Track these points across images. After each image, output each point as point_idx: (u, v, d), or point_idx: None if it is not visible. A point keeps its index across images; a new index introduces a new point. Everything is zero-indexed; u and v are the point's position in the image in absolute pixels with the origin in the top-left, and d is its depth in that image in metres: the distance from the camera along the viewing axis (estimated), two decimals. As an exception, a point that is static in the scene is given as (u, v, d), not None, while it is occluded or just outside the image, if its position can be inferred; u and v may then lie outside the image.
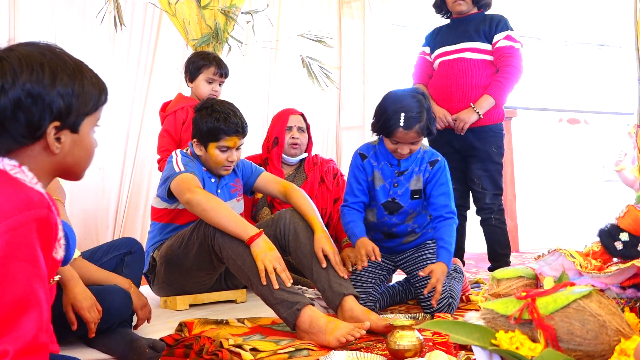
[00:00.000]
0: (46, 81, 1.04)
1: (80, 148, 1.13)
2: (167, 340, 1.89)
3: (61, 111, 1.06)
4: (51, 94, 1.04)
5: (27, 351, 0.94)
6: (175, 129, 2.94)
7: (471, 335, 1.03)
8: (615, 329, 0.97)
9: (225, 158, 2.39)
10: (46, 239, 1.01)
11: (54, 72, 1.05)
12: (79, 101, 1.09)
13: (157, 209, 2.55)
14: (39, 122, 1.04)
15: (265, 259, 1.98)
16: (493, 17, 3.03)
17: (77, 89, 1.08)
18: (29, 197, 0.99)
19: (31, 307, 0.96)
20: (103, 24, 3.28)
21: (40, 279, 0.98)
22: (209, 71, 2.94)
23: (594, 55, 6.92)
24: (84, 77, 1.10)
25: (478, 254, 4.16)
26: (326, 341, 1.84)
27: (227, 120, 2.34)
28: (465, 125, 2.91)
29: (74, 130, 1.11)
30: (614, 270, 1.25)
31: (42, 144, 1.07)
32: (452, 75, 2.97)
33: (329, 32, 4.11)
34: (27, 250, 0.96)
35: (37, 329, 0.95)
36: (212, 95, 2.95)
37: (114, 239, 3.77)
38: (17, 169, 1.04)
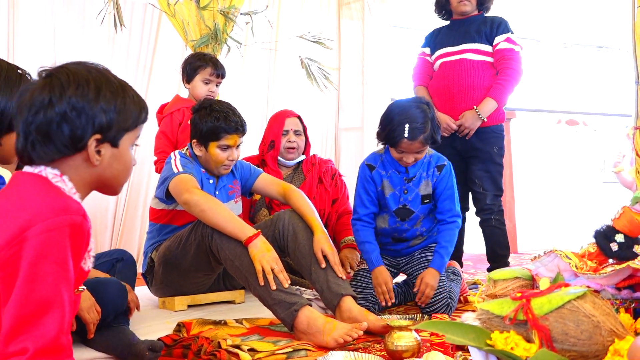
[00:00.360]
0: (90, 96, 1.11)
1: (119, 162, 1.19)
2: (166, 340, 1.90)
3: (102, 125, 1.13)
4: (94, 109, 1.11)
5: (47, 351, 0.96)
6: (172, 130, 2.95)
7: (467, 335, 1.04)
8: (609, 330, 0.98)
9: (226, 157, 2.40)
10: (78, 246, 1.06)
11: (98, 88, 1.12)
12: (120, 117, 1.15)
13: (155, 210, 2.56)
14: (82, 135, 1.11)
15: (262, 260, 1.99)
16: (494, 19, 3.04)
17: (119, 106, 1.15)
18: (66, 203, 1.05)
19: (55, 308, 0.99)
20: (102, 25, 3.29)
21: (67, 283, 1.02)
22: (206, 72, 2.95)
23: (593, 57, 6.94)
24: (127, 95, 1.17)
25: (476, 255, 4.17)
26: (324, 342, 1.84)
27: (227, 119, 2.36)
28: (471, 132, 2.93)
29: (114, 145, 1.17)
30: (609, 272, 1.26)
31: (83, 156, 1.13)
32: (453, 76, 2.97)
33: (328, 33, 4.12)
34: (58, 252, 1.01)
35: (59, 330, 0.98)
36: (209, 95, 2.96)
37: (112, 239, 3.79)
38: (58, 177, 1.11)
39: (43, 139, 1.09)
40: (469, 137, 2.95)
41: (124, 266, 2.25)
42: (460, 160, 3.04)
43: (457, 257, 3.11)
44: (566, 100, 6.83)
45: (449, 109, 2.97)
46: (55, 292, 0.99)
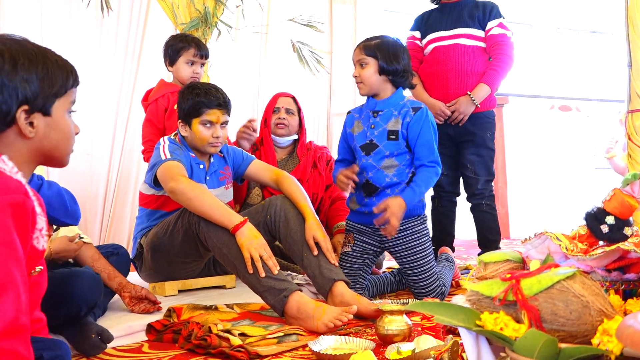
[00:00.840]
0: (7, 68, 1.08)
1: (56, 131, 1.16)
2: (156, 325, 1.89)
3: (27, 95, 1.10)
4: (15, 80, 1.08)
5: (8, 333, 0.93)
6: (158, 117, 2.92)
7: (456, 316, 1.03)
8: (598, 310, 0.97)
9: (210, 134, 2.37)
10: (23, 225, 1.02)
11: (14, 58, 1.09)
12: (44, 84, 1.12)
13: (144, 195, 2.54)
14: (7, 109, 1.08)
15: (250, 247, 1.97)
16: (486, 3, 3.01)
17: (41, 73, 1.12)
18: (5, 183, 1.01)
19: (8, 289, 0.96)
20: (90, 8, 3.24)
21: (17, 262, 0.98)
22: (189, 53, 2.91)
23: (586, 42, 6.93)
24: (48, 61, 1.14)
25: (468, 241, 4.17)
26: (314, 326, 1.84)
27: (207, 94, 2.35)
28: (465, 118, 2.91)
29: (46, 113, 1.14)
30: (599, 253, 1.25)
31: (16, 130, 1.11)
32: (447, 62, 2.95)
33: (319, 16, 4.08)
34: (2, 233, 0.97)
35: (17, 310, 0.95)
36: (193, 77, 2.93)
37: (102, 226, 3.77)
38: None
39: None
40: (462, 124, 2.93)
41: (118, 260, 2.23)
42: (453, 146, 3.04)
43: (449, 242, 3.11)
44: (559, 85, 6.83)
45: (443, 95, 2.95)
46: (5, 273, 0.96)
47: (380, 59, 2.28)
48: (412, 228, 2.31)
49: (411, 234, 2.30)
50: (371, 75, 2.30)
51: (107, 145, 3.81)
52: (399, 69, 2.29)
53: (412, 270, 2.30)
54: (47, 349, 1.18)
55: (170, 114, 2.88)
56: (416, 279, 2.30)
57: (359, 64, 2.32)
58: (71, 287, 1.69)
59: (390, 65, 2.28)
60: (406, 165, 2.31)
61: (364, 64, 2.31)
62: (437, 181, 3.05)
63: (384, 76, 2.30)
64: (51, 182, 1.71)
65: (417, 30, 3.13)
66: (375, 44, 2.31)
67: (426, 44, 3.07)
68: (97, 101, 3.73)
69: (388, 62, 2.28)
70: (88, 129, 3.68)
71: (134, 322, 1.92)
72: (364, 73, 2.30)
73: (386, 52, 2.29)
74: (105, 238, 3.76)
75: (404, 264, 2.33)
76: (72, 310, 1.69)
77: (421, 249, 2.30)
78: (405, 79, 2.33)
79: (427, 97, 2.98)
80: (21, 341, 0.96)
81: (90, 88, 3.69)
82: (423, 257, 2.30)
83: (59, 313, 1.66)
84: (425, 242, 2.32)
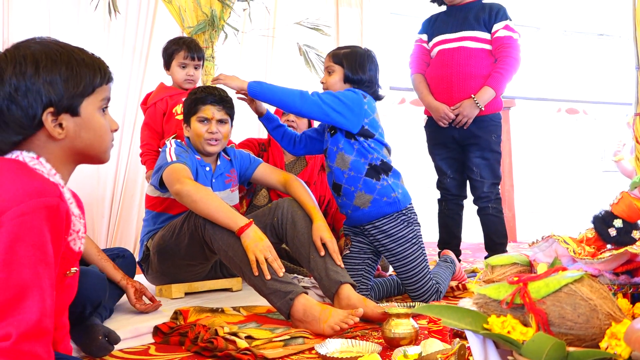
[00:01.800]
0: (29, 72, 1.08)
1: (87, 130, 1.16)
2: (162, 328, 1.89)
3: (51, 97, 1.09)
4: (37, 83, 1.08)
5: (31, 335, 0.94)
6: (156, 121, 2.93)
7: (463, 319, 1.03)
8: (607, 313, 0.97)
9: (205, 130, 2.38)
10: (57, 227, 1.03)
11: (36, 61, 1.09)
12: (69, 84, 1.11)
13: (150, 197, 2.55)
14: (34, 112, 1.08)
15: (255, 250, 1.97)
16: (492, 5, 3.00)
17: (65, 73, 1.11)
18: (41, 185, 1.03)
19: (34, 292, 0.97)
20: (98, 11, 3.26)
21: (46, 265, 0.99)
22: (180, 55, 2.92)
23: (593, 45, 6.91)
24: (72, 60, 1.12)
25: (475, 244, 4.16)
26: (321, 329, 1.84)
27: (204, 91, 2.40)
28: (469, 121, 2.90)
29: (74, 114, 1.13)
30: (607, 257, 1.25)
31: (45, 133, 1.11)
32: (452, 65, 2.94)
33: (326, 20, 4.09)
34: (35, 235, 0.99)
35: (41, 313, 0.96)
36: (187, 79, 2.94)
37: (109, 228, 3.78)
38: (35, 160, 1.09)
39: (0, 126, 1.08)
40: (467, 127, 2.93)
41: (124, 263, 2.23)
42: (459, 149, 3.03)
43: (456, 246, 3.11)
44: (566, 88, 6.80)
45: (447, 98, 2.95)
46: (33, 275, 0.97)
47: (346, 68, 2.33)
48: (398, 232, 2.29)
49: (397, 238, 2.29)
50: (336, 83, 2.35)
51: (115, 148, 3.81)
52: (363, 78, 2.34)
53: (403, 274, 2.30)
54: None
55: (169, 118, 2.89)
56: (408, 282, 2.30)
57: (327, 70, 2.39)
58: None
59: (355, 75, 2.33)
60: (359, 155, 2.28)
61: (331, 71, 2.37)
62: (443, 184, 3.09)
63: (348, 84, 2.35)
64: None
65: (425, 33, 3.13)
66: (344, 52, 2.37)
67: (432, 46, 3.07)
68: (104, 104, 3.75)
69: (353, 71, 2.33)
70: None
71: (141, 324, 1.93)
72: (330, 80, 2.37)
73: (353, 62, 2.33)
74: (112, 240, 3.77)
75: (395, 266, 2.33)
76: (76, 309, 1.67)
77: (409, 252, 2.28)
78: (370, 89, 2.36)
79: (432, 100, 2.98)
80: (42, 344, 0.96)
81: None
82: (413, 260, 2.28)
83: None
84: (412, 244, 2.29)
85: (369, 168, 2.27)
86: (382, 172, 2.28)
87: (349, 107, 2.24)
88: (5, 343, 0.92)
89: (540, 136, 6.54)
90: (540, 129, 6.55)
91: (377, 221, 2.30)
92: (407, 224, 2.30)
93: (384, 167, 2.29)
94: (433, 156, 3.13)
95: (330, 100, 2.23)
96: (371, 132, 2.29)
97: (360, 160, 2.27)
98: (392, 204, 2.28)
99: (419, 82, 3.07)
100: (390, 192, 2.28)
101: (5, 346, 0.92)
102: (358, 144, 2.28)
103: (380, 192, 2.28)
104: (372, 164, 2.28)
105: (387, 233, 2.29)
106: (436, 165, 3.12)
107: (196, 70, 2.97)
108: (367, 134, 2.28)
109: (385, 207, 2.28)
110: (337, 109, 2.23)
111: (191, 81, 2.95)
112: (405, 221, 2.30)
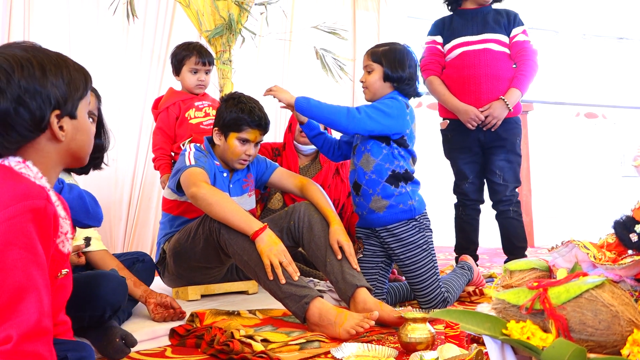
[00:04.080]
0: (38, 74, 1.10)
1: (81, 132, 1.19)
2: (179, 330, 1.89)
3: (58, 100, 1.12)
4: (46, 86, 1.10)
5: (31, 335, 0.95)
6: (169, 125, 2.96)
7: (482, 324, 1.02)
8: (628, 320, 0.95)
9: (243, 151, 2.39)
10: (44, 229, 1.04)
11: (42, 64, 1.11)
12: (70, 87, 1.15)
13: (167, 200, 2.56)
14: (42, 115, 1.10)
15: (270, 254, 1.97)
16: (508, 11, 3.01)
17: (66, 77, 1.14)
18: (28, 188, 1.03)
19: (31, 293, 0.98)
20: (116, 16, 3.29)
21: (38, 266, 1.00)
22: (191, 61, 2.95)
23: (613, 48, 6.84)
24: (68, 65, 1.16)
25: (492, 249, 4.13)
26: (336, 333, 1.83)
27: (251, 113, 2.37)
28: (498, 122, 2.88)
29: (73, 116, 1.16)
30: (628, 262, 1.23)
31: (47, 135, 1.13)
32: (479, 66, 2.91)
33: (343, 24, 4.09)
34: (23, 238, 0.99)
35: (39, 313, 0.97)
36: (199, 85, 2.97)
37: (127, 230, 3.80)
38: (21, 164, 1.09)
39: (4, 130, 1.08)
40: (495, 129, 2.90)
41: (143, 267, 2.25)
42: (480, 152, 3.00)
43: (473, 251, 3.08)
44: (585, 92, 6.74)
45: (475, 100, 2.90)
46: (27, 277, 0.98)
47: (385, 66, 2.30)
48: (408, 238, 2.28)
49: (407, 243, 2.28)
50: (375, 82, 2.33)
51: (132, 151, 3.85)
52: (403, 76, 2.30)
53: (412, 279, 2.29)
54: (72, 350, 1.19)
55: (182, 122, 2.91)
56: (416, 287, 2.29)
57: (366, 70, 2.36)
58: (96, 289, 1.69)
59: (394, 73, 2.30)
60: (385, 160, 2.27)
61: (370, 70, 2.34)
62: (461, 189, 3.06)
63: (388, 83, 2.32)
64: (72, 185, 1.73)
65: (439, 35, 3.09)
66: (383, 50, 2.34)
67: (451, 48, 3.03)
68: (122, 107, 3.78)
69: (393, 69, 2.30)
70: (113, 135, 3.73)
71: (158, 327, 1.93)
72: (369, 79, 2.34)
73: (392, 59, 2.30)
74: (129, 242, 3.80)
75: (404, 271, 2.32)
76: (97, 312, 1.68)
77: (419, 258, 2.27)
78: (410, 86, 2.34)
79: (458, 103, 2.93)
80: (44, 344, 0.97)
81: (116, 94, 3.74)
82: (422, 266, 2.26)
83: (83, 315, 1.66)
84: (422, 250, 2.28)
85: (391, 175, 2.27)
86: (403, 180, 2.28)
87: (394, 117, 2.24)
88: (6, 345, 0.93)
89: (558, 140, 6.49)
90: (558, 133, 6.50)
91: (391, 225, 2.29)
92: (419, 230, 2.29)
93: (406, 176, 2.29)
94: (454, 160, 3.08)
95: (376, 114, 2.23)
96: (407, 142, 2.30)
97: (384, 165, 2.27)
98: (407, 212, 2.28)
99: (438, 84, 3.03)
100: (407, 200, 2.28)
101: (7, 348, 0.92)
102: (388, 149, 2.28)
103: (397, 199, 2.27)
104: (396, 172, 2.27)
105: (397, 237, 2.29)
106: (457, 170, 3.07)
107: (207, 75, 3.00)
108: (402, 144, 2.29)
109: (400, 214, 2.28)
110: (383, 123, 2.23)
111: (202, 86, 2.99)
112: (417, 227, 2.29)
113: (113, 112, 3.65)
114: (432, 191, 4.59)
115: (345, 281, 2.08)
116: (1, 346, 0.93)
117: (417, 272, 2.26)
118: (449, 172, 3.15)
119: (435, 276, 2.27)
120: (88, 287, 1.68)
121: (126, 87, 3.83)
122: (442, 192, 3.76)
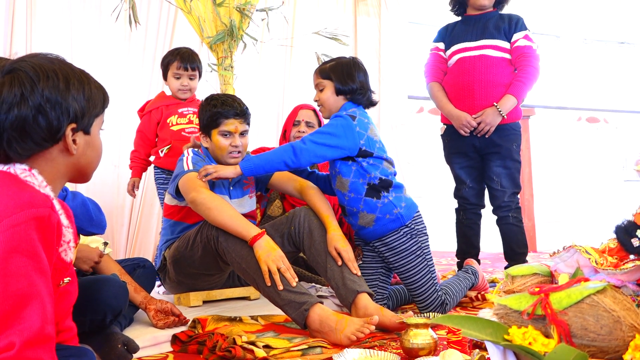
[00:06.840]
0: (61, 87, 1.12)
1: (92, 149, 1.21)
2: (181, 336, 1.89)
3: (77, 114, 1.14)
4: (67, 99, 1.12)
5: (34, 342, 0.95)
6: (150, 129, 2.98)
7: (484, 330, 1.01)
8: (630, 325, 0.95)
9: (228, 143, 2.39)
10: (48, 237, 1.04)
11: (66, 78, 1.13)
12: (89, 104, 1.17)
13: (168, 206, 2.56)
14: (58, 126, 1.11)
15: (268, 260, 1.97)
16: (511, 16, 3.00)
17: (87, 93, 1.16)
18: (32, 196, 1.04)
19: (33, 300, 0.98)
20: (118, 22, 3.30)
21: (41, 273, 1.00)
22: (174, 66, 2.98)
23: (614, 53, 6.84)
24: (90, 82, 1.19)
25: (494, 254, 4.12)
26: (338, 339, 1.83)
27: (224, 104, 2.38)
28: (491, 129, 2.89)
29: (87, 132, 1.18)
30: (630, 267, 1.23)
31: (60, 147, 1.15)
32: (474, 72, 2.93)
33: (344, 29, 4.10)
34: (27, 245, 1.00)
35: (42, 320, 0.97)
36: (181, 89, 2.99)
37: (129, 236, 3.80)
38: (27, 172, 1.11)
39: (19, 136, 1.09)
40: (489, 135, 2.91)
41: (144, 273, 2.26)
42: (478, 158, 3.01)
43: (474, 255, 3.08)
44: (587, 97, 6.74)
45: (468, 106, 2.93)
46: (30, 284, 0.99)
47: (335, 80, 2.32)
48: (401, 245, 2.28)
49: (401, 251, 2.27)
50: (329, 97, 2.34)
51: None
52: (354, 87, 2.32)
53: (409, 285, 2.29)
54: (74, 356, 1.19)
55: (162, 128, 2.93)
56: (414, 293, 2.29)
57: (317, 88, 2.37)
58: (97, 293, 1.69)
59: (345, 85, 2.31)
60: (357, 176, 2.27)
61: (322, 87, 2.35)
62: (461, 193, 3.06)
63: (341, 96, 2.33)
64: (75, 192, 1.73)
65: (442, 42, 3.12)
66: (330, 66, 2.36)
67: (451, 54, 3.06)
68: (124, 113, 3.79)
69: (343, 82, 2.31)
70: (115, 141, 3.74)
71: (160, 333, 1.93)
72: (322, 96, 2.35)
73: (340, 73, 2.32)
74: (131, 248, 3.80)
75: (401, 277, 2.32)
76: (98, 316, 1.69)
77: (413, 264, 2.26)
78: (363, 95, 2.34)
79: (452, 109, 2.96)
80: (46, 350, 0.97)
81: (118, 100, 3.75)
82: (418, 271, 2.26)
83: (84, 319, 1.66)
84: (416, 256, 2.27)
85: (368, 188, 2.26)
86: (382, 189, 2.27)
87: (340, 136, 2.22)
88: (9, 352, 0.93)
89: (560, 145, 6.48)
90: (560, 138, 6.50)
91: (384, 237, 2.30)
92: (411, 236, 2.28)
93: (384, 184, 2.27)
94: (451, 165, 3.10)
95: (322, 138, 2.22)
96: (369, 151, 2.26)
97: (358, 181, 2.27)
98: (395, 220, 2.28)
99: (437, 90, 3.06)
100: (392, 209, 2.27)
101: (9, 355, 0.93)
102: (356, 165, 2.27)
103: (383, 210, 2.27)
104: (371, 184, 2.26)
105: (390, 247, 2.30)
106: (455, 174, 3.10)
107: (191, 80, 3.01)
108: (365, 154, 2.26)
109: (389, 223, 2.28)
110: (332, 145, 2.22)
111: (185, 91, 3.00)
112: (409, 234, 2.29)
113: (115, 118, 3.65)
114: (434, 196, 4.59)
115: (346, 287, 2.08)
116: (4, 353, 0.93)
117: (413, 277, 2.26)
118: (451, 176, 3.16)
119: (431, 280, 2.27)
120: (89, 291, 1.68)
121: (128, 93, 3.84)
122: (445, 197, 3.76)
